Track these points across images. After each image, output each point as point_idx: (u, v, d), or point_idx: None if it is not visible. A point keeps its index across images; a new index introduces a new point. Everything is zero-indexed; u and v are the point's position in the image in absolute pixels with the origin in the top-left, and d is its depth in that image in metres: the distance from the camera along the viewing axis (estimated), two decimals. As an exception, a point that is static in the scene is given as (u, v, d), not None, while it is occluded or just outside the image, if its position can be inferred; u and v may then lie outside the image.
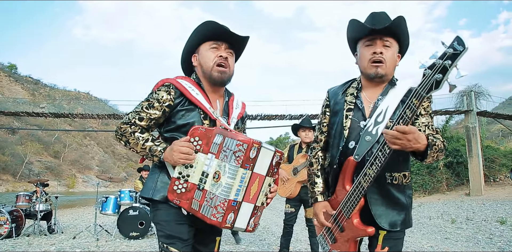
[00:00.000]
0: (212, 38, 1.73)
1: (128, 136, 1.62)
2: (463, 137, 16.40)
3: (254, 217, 1.62)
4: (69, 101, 67.13)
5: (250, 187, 1.55)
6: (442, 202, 12.30)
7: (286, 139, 53.59)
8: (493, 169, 15.87)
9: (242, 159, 1.47)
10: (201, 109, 1.68)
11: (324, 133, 1.88)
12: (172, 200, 1.56)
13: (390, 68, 1.70)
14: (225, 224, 1.49)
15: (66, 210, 15.40)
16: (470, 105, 15.92)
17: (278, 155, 1.63)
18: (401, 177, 1.68)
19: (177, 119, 1.67)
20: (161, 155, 1.59)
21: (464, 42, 1.19)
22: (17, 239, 6.24)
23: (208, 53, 1.73)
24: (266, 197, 1.67)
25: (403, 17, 1.66)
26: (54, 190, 9.27)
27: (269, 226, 8.24)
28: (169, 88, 1.67)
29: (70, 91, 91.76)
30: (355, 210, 1.62)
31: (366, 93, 1.76)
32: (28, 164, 54.17)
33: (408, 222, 1.69)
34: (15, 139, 58.11)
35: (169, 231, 1.60)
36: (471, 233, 6.73)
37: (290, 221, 4.29)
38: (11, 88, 73.30)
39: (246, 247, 5.53)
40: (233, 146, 1.49)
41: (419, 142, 1.39)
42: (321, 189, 1.82)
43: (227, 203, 1.48)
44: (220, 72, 1.71)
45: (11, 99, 50.39)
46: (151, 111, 1.64)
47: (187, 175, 1.56)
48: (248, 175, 1.51)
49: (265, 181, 1.61)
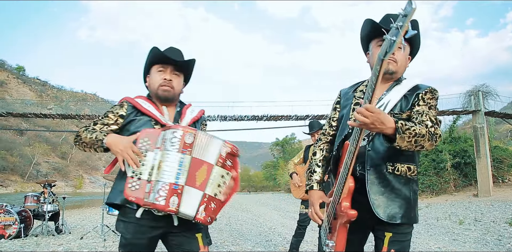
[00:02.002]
0: (159, 62, 1.93)
1: (81, 133, 1.79)
2: (471, 137, 16.24)
3: (204, 205, 1.66)
4: (76, 102, 67.71)
5: (195, 173, 1.65)
6: (449, 203, 12.20)
7: (293, 139, 53.63)
8: (502, 169, 15.69)
9: (178, 144, 1.63)
10: (151, 117, 1.86)
11: (333, 127, 1.93)
12: (128, 197, 1.64)
13: (401, 67, 1.77)
14: (169, 207, 1.57)
15: (73, 210, 15.52)
16: (477, 105, 15.76)
17: (228, 146, 1.73)
18: (405, 169, 1.66)
19: (131, 128, 1.84)
20: (103, 138, 1.70)
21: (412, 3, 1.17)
22: (25, 239, 6.31)
23: (155, 76, 1.93)
24: (219, 188, 1.73)
25: (415, 20, 1.68)
26: (61, 190, 9.37)
27: (276, 226, 8.23)
28: (122, 103, 1.90)
29: (77, 93, 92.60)
30: (344, 194, 1.59)
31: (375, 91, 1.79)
32: (36, 165, 54.72)
33: (411, 217, 1.65)
34: (23, 140, 58.73)
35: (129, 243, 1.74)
36: (479, 234, 6.66)
37: (304, 222, 4.28)
38: (19, 90, 74.09)
39: (252, 248, 5.53)
40: (169, 135, 1.65)
41: (384, 124, 1.40)
42: (318, 178, 1.85)
43: (168, 187, 1.59)
44: (164, 90, 1.90)
45: (19, 101, 50.91)
46: (104, 119, 1.86)
47: (139, 173, 1.66)
48: (187, 160, 1.64)
49: (214, 169, 1.70)
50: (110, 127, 1.84)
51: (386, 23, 1.69)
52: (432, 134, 1.54)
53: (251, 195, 38.38)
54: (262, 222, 9.19)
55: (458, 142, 16.89)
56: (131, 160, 1.65)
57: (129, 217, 1.73)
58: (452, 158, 15.35)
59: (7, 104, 40.36)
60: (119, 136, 1.75)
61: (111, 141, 1.70)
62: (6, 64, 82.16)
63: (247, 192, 68.84)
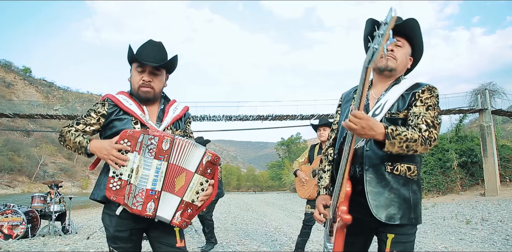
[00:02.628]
0: (137, 62, 1.88)
1: (65, 134, 1.81)
2: (478, 136, 16.12)
3: (181, 211, 1.71)
4: (82, 103, 68.10)
5: (173, 179, 1.70)
6: (456, 202, 12.11)
7: (298, 139, 53.56)
8: (509, 168, 15.55)
9: (154, 151, 1.67)
10: (133, 117, 1.85)
11: (334, 130, 1.92)
12: (109, 197, 1.67)
13: (400, 65, 1.73)
14: (146, 212, 1.64)
15: (80, 210, 15.63)
16: (484, 104, 15.64)
17: (209, 155, 1.75)
18: (405, 169, 1.63)
19: (112, 127, 1.85)
20: (87, 145, 1.74)
21: (392, 12, 1.20)
22: (32, 239, 6.36)
23: (134, 74, 1.90)
24: (197, 195, 1.75)
25: (415, 19, 1.68)
26: (68, 191, 9.43)
27: (281, 226, 8.22)
28: (104, 101, 1.89)
29: (83, 94, 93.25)
30: (341, 198, 1.58)
31: (374, 91, 1.79)
32: (43, 166, 55.17)
33: (411, 218, 1.62)
34: (30, 141, 59.24)
35: (113, 236, 1.79)
36: (486, 234, 6.61)
37: (310, 222, 4.27)
38: (26, 91, 74.73)
39: (258, 247, 5.53)
40: (146, 141, 1.68)
41: (374, 129, 1.42)
42: (325, 184, 1.86)
43: (145, 192, 1.65)
44: (144, 92, 1.88)
45: (26, 102, 51.35)
46: (87, 118, 1.86)
47: (120, 174, 1.69)
48: (164, 166, 1.68)
49: (194, 177, 1.73)
50: (93, 127, 1.85)
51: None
52: (425, 138, 1.52)
53: (256, 195, 38.35)
54: (268, 222, 9.18)
55: (464, 140, 16.76)
56: (116, 162, 1.68)
57: (112, 211, 1.77)
58: (458, 157, 15.25)
59: (14, 105, 40.70)
60: (100, 140, 1.78)
61: (95, 148, 1.73)
62: (13, 65, 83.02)
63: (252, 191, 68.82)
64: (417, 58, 1.83)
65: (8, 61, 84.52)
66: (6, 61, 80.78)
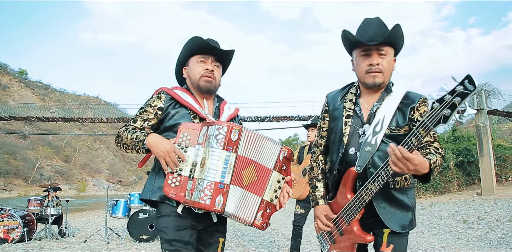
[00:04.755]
0: (200, 52, 1.86)
1: (122, 133, 1.72)
2: (474, 136, 16.18)
3: (262, 211, 1.64)
4: (78, 105, 67.89)
5: (241, 171, 1.60)
6: (453, 201, 12.14)
7: (295, 140, 53.58)
8: (505, 168, 15.61)
9: (223, 141, 1.55)
10: (190, 110, 1.79)
11: (324, 137, 1.90)
12: (167, 194, 1.58)
13: (388, 76, 1.72)
14: (215, 206, 1.51)
15: (77, 213, 15.55)
16: (480, 104, 15.70)
17: (285, 151, 1.69)
18: (403, 180, 1.71)
19: (169, 120, 1.78)
20: (144, 138, 1.64)
21: (475, 82, 1.20)
22: (29, 243, 6.33)
23: (195, 66, 1.86)
24: (275, 193, 1.69)
25: (398, 25, 1.65)
26: (65, 194, 9.38)
27: (279, 227, 8.23)
28: (160, 94, 1.82)
29: (79, 96, 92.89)
30: (355, 218, 1.66)
31: (364, 100, 1.78)
32: (39, 169, 54.87)
33: (414, 222, 1.74)
34: (26, 143, 58.92)
35: (171, 237, 1.65)
36: (483, 233, 6.64)
37: (299, 222, 4.27)
38: (22, 93, 74.42)
39: (256, 248, 5.54)
40: (214, 131, 1.57)
41: (419, 171, 1.42)
42: (321, 193, 1.86)
43: (214, 185, 1.52)
44: (207, 81, 1.84)
45: (22, 105, 51.12)
46: (143, 114, 1.78)
47: (179, 169, 1.60)
48: (233, 158, 1.57)
49: (272, 174, 1.66)
50: (151, 122, 1.77)
51: (366, 33, 1.68)
52: (443, 156, 1.59)
53: (254, 196, 38.19)
54: (265, 223, 9.15)
55: (461, 140, 16.84)
56: (172, 163, 1.60)
57: (169, 212, 1.67)
58: (455, 157, 15.29)
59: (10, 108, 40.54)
60: (159, 136, 1.67)
61: (152, 142, 1.62)
62: (9, 68, 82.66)
63: (250, 193, 68.43)
64: (397, 53, 1.80)
65: (4, 63, 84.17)
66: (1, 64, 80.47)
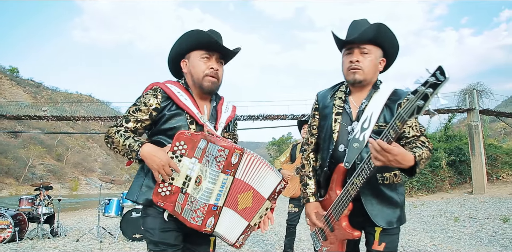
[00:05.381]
0: (205, 47, 1.73)
1: (113, 135, 1.61)
2: (466, 135, 16.33)
3: (245, 234, 1.64)
4: (71, 104, 67.25)
5: (236, 195, 1.56)
6: (445, 200, 12.26)
7: (289, 138, 53.60)
8: (496, 167, 15.79)
9: (223, 164, 1.49)
10: (188, 114, 1.69)
11: (314, 135, 1.93)
12: (156, 202, 1.56)
13: (369, 74, 1.74)
14: (205, 227, 1.51)
15: (69, 212, 15.44)
16: (472, 104, 15.86)
17: (283, 183, 1.66)
18: (392, 176, 1.73)
19: (164, 123, 1.67)
20: (138, 149, 1.55)
21: (445, 73, 1.23)
22: (20, 243, 6.26)
23: (199, 63, 1.73)
24: (260, 219, 1.67)
25: (379, 24, 1.69)
26: (57, 193, 9.30)
27: (272, 226, 8.24)
28: (156, 92, 1.68)
29: (72, 94, 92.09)
30: (344, 214, 1.69)
31: (353, 98, 1.82)
32: (31, 167, 54.35)
33: (402, 219, 1.75)
34: (17, 142, 58.31)
35: (157, 239, 1.61)
36: (474, 231, 6.71)
37: (293, 221, 4.28)
38: (13, 91, 73.58)
39: (249, 247, 5.54)
40: (215, 151, 1.50)
41: (401, 163, 1.43)
42: (312, 190, 1.89)
43: (207, 207, 1.50)
44: (211, 82, 1.73)
45: (13, 103, 50.58)
46: (137, 114, 1.66)
47: (171, 178, 1.56)
48: (229, 181, 1.52)
49: (265, 203, 1.64)
50: (145, 123, 1.67)
51: (351, 32, 1.75)
52: (430, 149, 1.61)
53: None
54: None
55: (453, 140, 16.99)
56: (166, 176, 1.54)
57: (155, 213, 1.63)
58: (447, 156, 15.44)
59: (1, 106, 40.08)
60: (154, 147, 1.57)
61: (147, 153, 1.54)
62: (0, 65, 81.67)
63: (244, 192, 68.45)
64: (392, 57, 1.83)
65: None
66: (-8, 62, 79.41)
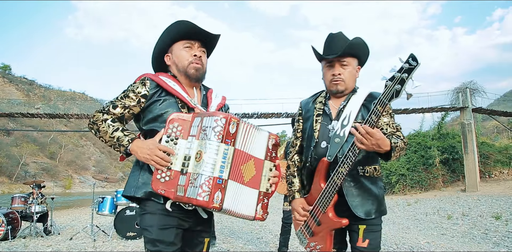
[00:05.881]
0: (185, 37, 1.75)
1: (99, 123, 1.58)
2: (459, 134, 16.46)
3: (261, 203, 1.61)
4: (64, 101, 66.77)
5: (239, 166, 1.51)
6: (438, 198, 12.36)
7: (283, 136, 53.76)
8: (488, 165, 15.94)
9: (222, 134, 1.44)
10: (178, 98, 1.67)
11: (299, 138, 2.08)
12: (156, 190, 1.49)
13: (350, 83, 1.91)
14: (213, 203, 1.40)
15: (62, 211, 15.35)
16: (465, 102, 15.97)
17: (273, 138, 1.66)
18: (372, 170, 1.87)
19: (154, 110, 1.65)
20: (128, 145, 1.54)
21: (417, 59, 1.43)
22: (13, 241, 6.22)
23: (182, 53, 1.75)
24: (269, 182, 1.65)
25: (358, 39, 1.86)
26: (50, 191, 9.24)
27: (266, 224, 8.25)
28: (144, 80, 1.68)
29: (65, 92, 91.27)
30: (330, 205, 1.79)
31: (332, 101, 1.98)
32: (24, 166, 53.87)
33: (382, 210, 1.87)
34: (10, 140, 57.74)
35: (155, 237, 1.55)
36: (467, 228, 6.78)
37: (289, 219, 4.27)
38: (5, 89, 72.79)
39: (244, 245, 5.54)
40: (211, 122, 1.45)
41: (381, 147, 1.59)
42: (297, 187, 2.02)
43: (212, 181, 1.41)
44: (195, 69, 1.74)
45: (6, 101, 50.08)
46: (125, 100, 1.64)
47: (170, 163, 1.51)
48: (231, 151, 1.47)
49: (265, 164, 1.64)
50: (133, 109, 1.64)
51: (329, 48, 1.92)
52: (405, 143, 1.76)
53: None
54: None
55: (446, 138, 17.10)
56: (162, 160, 1.49)
57: (154, 209, 1.57)
58: (440, 154, 15.55)
59: (-7, 104, 39.65)
60: (142, 140, 1.57)
61: (136, 147, 1.53)
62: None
63: (238, 190, 68.44)
64: (364, 62, 2.01)
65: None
66: (-16, 59, 78.57)
